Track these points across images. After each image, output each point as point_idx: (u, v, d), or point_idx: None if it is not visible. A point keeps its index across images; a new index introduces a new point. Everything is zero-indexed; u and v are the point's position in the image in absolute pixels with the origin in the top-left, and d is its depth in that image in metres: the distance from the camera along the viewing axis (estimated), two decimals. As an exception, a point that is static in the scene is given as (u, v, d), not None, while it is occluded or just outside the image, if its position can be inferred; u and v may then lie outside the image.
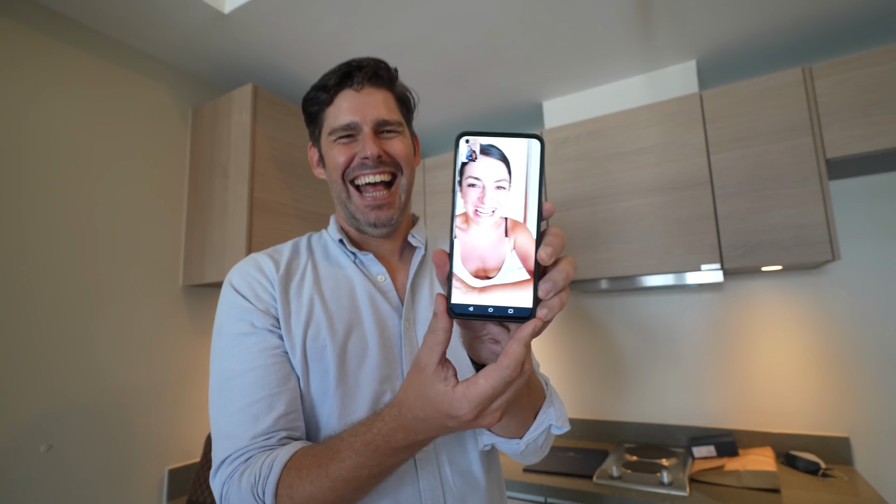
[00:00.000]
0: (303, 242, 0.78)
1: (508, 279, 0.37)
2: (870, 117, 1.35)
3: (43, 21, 1.33)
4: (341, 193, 0.73)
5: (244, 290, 0.68)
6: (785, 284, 1.69)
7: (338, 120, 0.71)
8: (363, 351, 0.68)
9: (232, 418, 0.61)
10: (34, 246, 1.27)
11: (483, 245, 0.38)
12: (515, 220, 0.38)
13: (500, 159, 0.38)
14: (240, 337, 0.65)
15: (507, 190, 0.38)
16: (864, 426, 1.54)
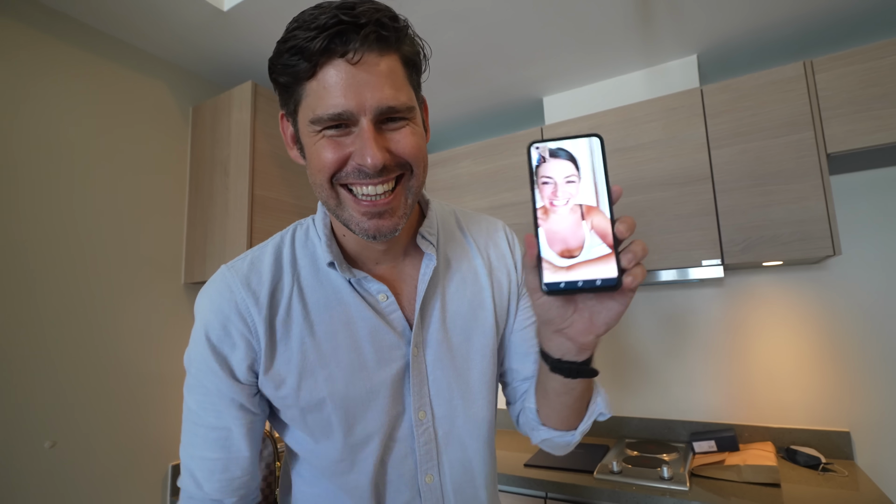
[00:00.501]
0: (285, 249, 0.63)
1: (591, 255, 0.42)
2: (871, 111, 1.35)
3: (43, 19, 1.33)
4: (329, 200, 0.55)
5: (219, 342, 0.57)
6: (786, 279, 1.69)
7: (324, 105, 0.50)
8: (368, 396, 0.60)
9: (194, 460, 0.60)
10: (36, 244, 1.28)
11: (563, 229, 0.43)
12: (590, 205, 0.43)
13: (566, 159, 0.44)
14: (205, 390, 0.59)
15: (578, 182, 0.44)
16: (864, 421, 1.54)
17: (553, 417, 0.64)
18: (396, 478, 0.61)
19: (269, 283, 0.59)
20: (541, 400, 0.64)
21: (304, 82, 0.51)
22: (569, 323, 0.49)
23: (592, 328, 0.49)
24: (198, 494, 0.61)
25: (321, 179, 0.53)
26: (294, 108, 0.54)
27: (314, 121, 0.51)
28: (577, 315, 0.49)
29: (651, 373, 1.86)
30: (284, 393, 0.58)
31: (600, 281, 0.42)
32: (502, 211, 1.86)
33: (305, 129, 0.53)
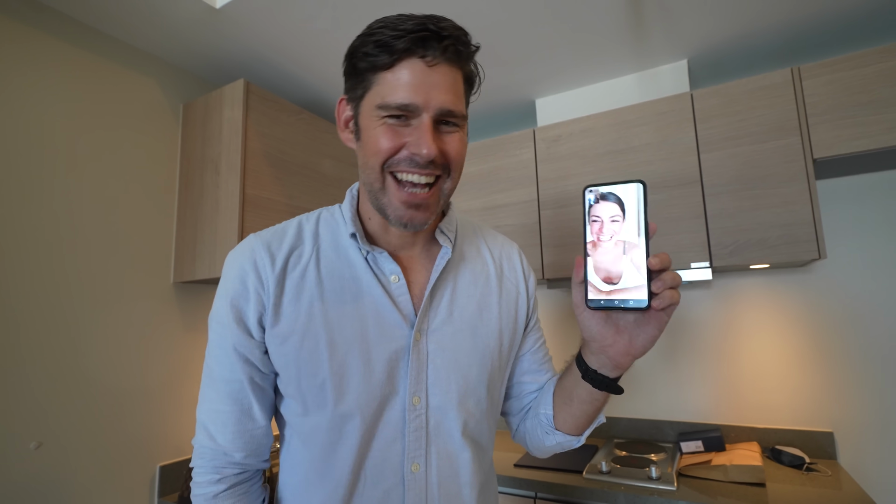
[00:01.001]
0: (309, 224, 0.68)
1: (628, 284, 0.52)
2: (857, 118, 1.37)
3: (32, 15, 1.31)
4: (375, 182, 0.61)
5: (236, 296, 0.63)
6: (772, 282, 1.71)
7: (394, 95, 0.56)
8: (363, 367, 0.62)
9: (209, 415, 0.65)
10: (23, 242, 1.26)
11: (607, 261, 0.53)
12: (631, 241, 0.52)
13: (613, 201, 0.53)
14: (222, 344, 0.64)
15: (621, 221, 0.52)
16: (847, 421, 1.57)
17: (569, 423, 0.70)
18: (381, 461, 0.62)
19: (288, 248, 0.65)
20: (562, 406, 0.70)
21: (379, 72, 0.58)
22: (611, 342, 0.58)
23: (631, 350, 0.58)
24: (210, 446, 0.65)
25: (375, 162, 0.59)
26: (362, 93, 0.60)
27: (381, 106, 0.57)
28: (618, 337, 0.58)
29: (640, 374, 1.88)
30: (287, 349, 0.62)
31: (632, 302, 0.52)
32: (495, 212, 1.87)
33: (369, 113, 0.59)
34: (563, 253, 1.72)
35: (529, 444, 0.79)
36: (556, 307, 2.08)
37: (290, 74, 1.75)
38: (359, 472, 0.61)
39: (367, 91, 0.60)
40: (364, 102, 0.60)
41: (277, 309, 0.62)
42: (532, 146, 1.83)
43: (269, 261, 0.63)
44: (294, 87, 1.85)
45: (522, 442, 0.81)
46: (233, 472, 0.65)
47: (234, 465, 0.65)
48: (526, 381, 0.78)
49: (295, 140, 1.69)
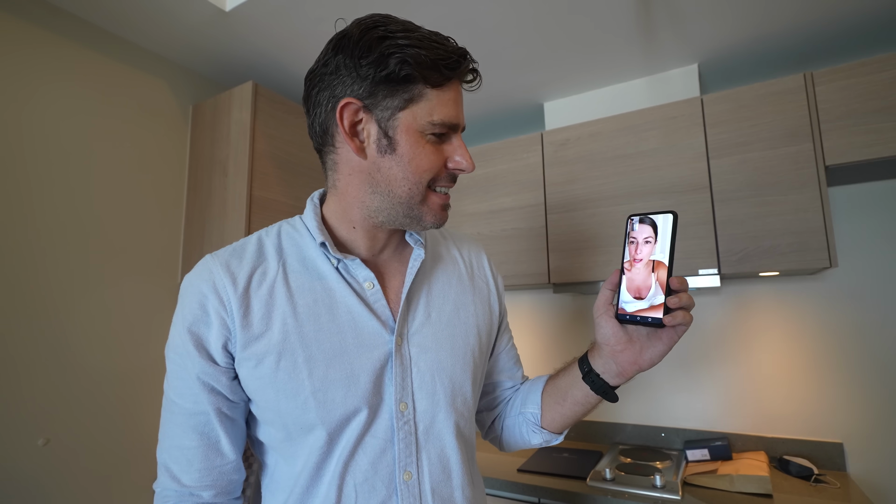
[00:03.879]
0: (270, 239, 0.65)
1: (654, 301, 0.58)
2: (870, 125, 1.35)
3: (44, 16, 1.33)
4: (415, 196, 0.60)
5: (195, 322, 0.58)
6: (782, 290, 1.69)
7: (447, 113, 0.58)
8: (347, 381, 0.59)
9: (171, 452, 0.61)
10: (33, 240, 1.27)
11: (639, 279, 0.60)
12: (660, 261, 0.58)
13: (649, 224, 0.60)
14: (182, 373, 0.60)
15: (653, 244, 0.59)
16: (857, 432, 1.55)
17: (557, 422, 0.74)
18: (372, 475, 0.59)
19: (250, 266, 0.62)
20: (553, 406, 0.73)
21: (429, 87, 0.58)
22: (621, 349, 0.63)
23: (638, 360, 0.63)
24: (174, 488, 0.60)
25: (423, 177, 0.60)
26: (401, 104, 0.58)
27: (436, 123, 0.58)
28: (629, 346, 0.63)
29: (646, 379, 1.87)
30: (262, 372, 0.58)
31: (651, 318, 0.58)
32: (500, 215, 1.87)
33: (413, 127, 0.58)
34: (569, 258, 1.71)
35: (506, 441, 0.81)
36: (562, 311, 2.07)
37: (299, 76, 1.76)
38: (349, 489, 0.59)
39: (411, 102, 0.57)
40: (405, 114, 0.58)
41: (247, 331, 0.58)
42: (540, 150, 1.82)
43: (230, 281, 0.59)
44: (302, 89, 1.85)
45: (496, 439, 0.83)
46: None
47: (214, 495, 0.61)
48: (502, 379, 0.81)
49: (302, 142, 1.70)
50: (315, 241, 0.64)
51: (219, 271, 0.60)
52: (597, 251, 1.66)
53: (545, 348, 2.09)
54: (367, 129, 0.59)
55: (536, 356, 2.10)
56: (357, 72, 0.57)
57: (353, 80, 0.58)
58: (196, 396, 0.59)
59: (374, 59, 0.56)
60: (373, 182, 0.61)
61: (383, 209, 0.62)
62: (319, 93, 0.61)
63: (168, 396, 0.61)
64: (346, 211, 0.64)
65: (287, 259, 0.63)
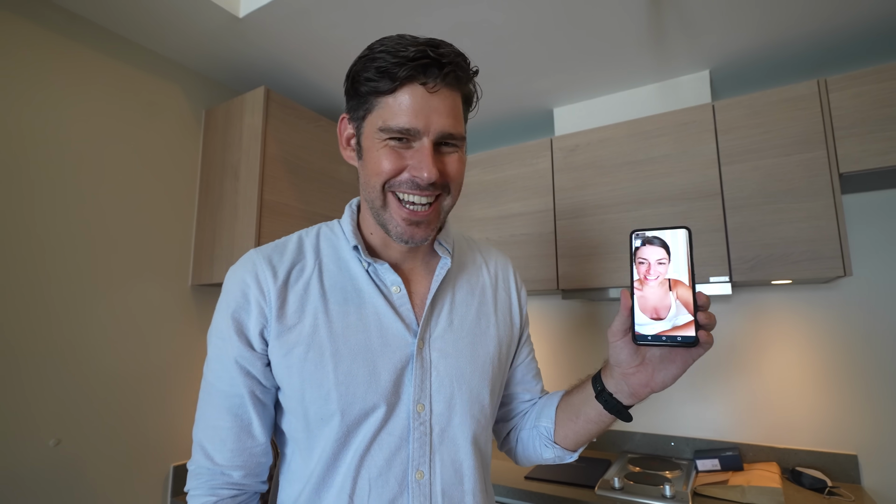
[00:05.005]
0: (309, 239, 0.70)
1: (677, 321, 0.55)
2: (885, 132, 1.33)
3: (62, 22, 1.35)
4: (376, 200, 0.63)
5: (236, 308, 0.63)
6: (795, 298, 1.67)
7: (396, 119, 0.59)
8: (369, 378, 0.62)
9: (206, 432, 0.65)
10: (46, 243, 1.29)
11: (653, 298, 0.56)
12: (678, 280, 0.55)
13: (659, 245, 0.57)
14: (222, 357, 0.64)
15: (668, 263, 0.56)
16: (872, 444, 1.52)
17: (570, 438, 0.74)
18: (386, 470, 0.61)
19: (290, 262, 0.66)
20: (566, 422, 0.73)
21: (381, 96, 0.60)
22: (633, 372, 0.62)
23: (650, 384, 0.62)
24: (206, 467, 0.64)
25: (376, 182, 0.62)
26: (363, 114, 0.63)
27: (383, 129, 0.60)
28: (642, 368, 0.62)
29: (655, 388, 1.85)
30: (291, 360, 0.62)
31: (681, 338, 0.54)
32: (510, 220, 1.86)
33: (371, 134, 0.62)
34: (578, 263, 1.70)
35: (521, 454, 0.82)
36: (571, 318, 2.06)
37: (310, 82, 1.77)
38: (363, 482, 0.61)
39: (368, 113, 0.62)
40: (366, 123, 0.63)
41: (281, 321, 0.63)
42: (549, 155, 1.82)
43: (271, 274, 0.64)
44: (314, 94, 1.87)
45: (510, 451, 0.84)
46: (229, 493, 0.64)
47: (232, 485, 0.64)
48: (520, 392, 0.82)
49: (313, 147, 1.71)
50: (349, 244, 0.68)
51: (261, 264, 0.65)
52: (606, 258, 1.65)
53: (554, 355, 2.08)
54: (352, 140, 0.67)
55: (545, 363, 2.08)
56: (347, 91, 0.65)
57: (348, 99, 0.66)
58: (233, 379, 0.63)
59: (350, 77, 0.64)
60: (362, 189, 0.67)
61: (372, 216, 0.67)
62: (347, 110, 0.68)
63: (207, 378, 0.66)
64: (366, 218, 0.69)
65: (323, 259, 0.68)
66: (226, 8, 1.37)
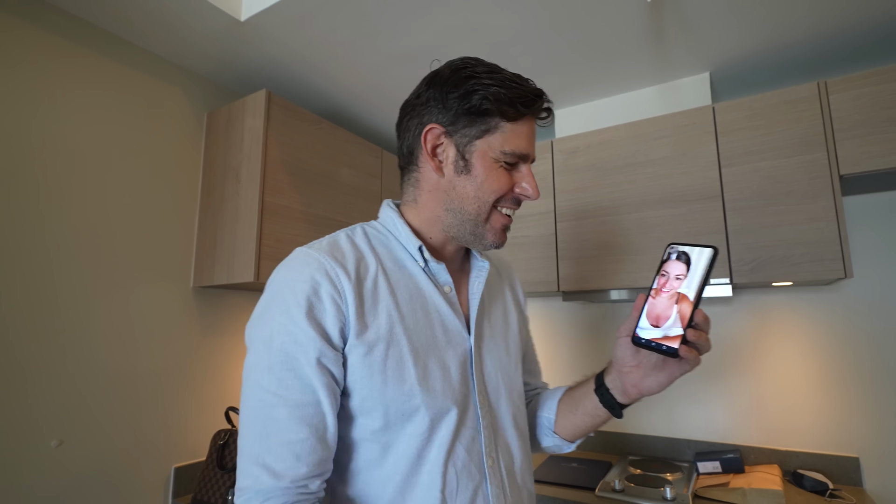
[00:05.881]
0: (360, 239, 0.70)
1: (670, 332, 0.61)
2: (886, 134, 1.33)
3: (65, 25, 1.36)
4: (481, 213, 0.68)
5: (310, 307, 0.60)
6: (795, 300, 1.67)
7: (518, 144, 0.67)
8: (442, 373, 0.65)
9: (273, 450, 0.57)
10: (48, 246, 1.30)
11: (660, 307, 0.63)
12: (685, 295, 0.61)
13: (684, 262, 0.62)
14: (293, 362, 0.59)
15: (684, 279, 0.61)
16: (874, 446, 1.52)
17: (568, 430, 0.81)
18: (468, 461, 0.65)
19: (353, 258, 0.66)
20: (566, 413, 0.80)
21: (505, 121, 0.66)
22: (627, 371, 0.70)
23: (640, 385, 0.69)
24: (278, 487, 0.57)
25: (489, 197, 0.67)
26: (478, 133, 0.67)
27: (507, 152, 0.66)
28: (635, 369, 0.69)
29: (656, 390, 1.85)
30: (373, 359, 0.62)
31: (665, 347, 0.60)
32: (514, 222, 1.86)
33: (487, 153, 0.67)
34: (579, 265, 1.70)
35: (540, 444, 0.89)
36: (571, 320, 2.06)
37: (311, 84, 1.78)
38: (451, 476, 0.63)
39: (487, 133, 0.66)
40: (481, 142, 0.66)
41: (360, 319, 0.62)
42: (550, 157, 1.82)
43: (342, 269, 0.63)
44: (315, 97, 1.88)
45: None
46: (307, 501, 0.59)
47: (308, 495, 0.59)
48: (527, 380, 0.91)
49: (314, 149, 1.72)
50: (401, 244, 0.71)
51: (328, 260, 0.63)
52: (607, 259, 1.66)
53: (555, 356, 2.08)
54: (446, 152, 0.68)
55: (546, 364, 2.08)
56: (444, 104, 0.67)
57: (440, 111, 0.67)
58: (308, 385, 0.59)
59: (460, 93, 0.66)
60: (447, 199, 0.69)
61: (454, 224, 0.70)
62: (410, 120, 0.71)
63: (266, 390, 0.59)
64: (426, 223, 0.72)
65: (381, 257, 0.69)
66: (227, 11, 1.37)
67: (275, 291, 0.63)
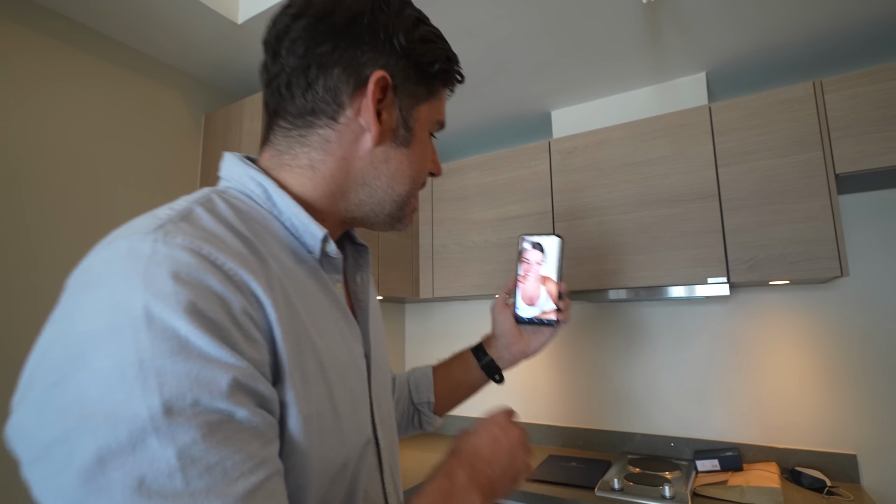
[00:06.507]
0: (229, 218, 0.43)
1: (545, 307, 0.76)
2: (881, 133, 1.34)
3: (63, 30, 1.36)
4: (411, 195, 0.55)
5: (221, 326, 0.34)
6: (792, 298, 1.67)
7: (443, 115, 0.57)
8: (350, 396, 0.48)
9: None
10: (43, 250, 1.30)
11: (530, 290, 0.77)
12: (547, 276, 0.76)
13: (539, 249, 0.77)
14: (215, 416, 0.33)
15: (543, 263, 0.76)
16: (871, 443, 1.53)
17: (447, 407, 0.82)
18: (374, 494, 0.51)
19: (254, 262, 0.41)
20: (447, 392, 0.81)
21: (442, 88, 0.55)
22: (514, 341, 0.79)
23: (526, 350, 0.80)
24: None
25: (423, 176, 0.56)
26: (424, 95, 0.53)
27: (441, 123, 0.57)
28: (520, 338, 0.79)
29: (655, 388, 1.85)
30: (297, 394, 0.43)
31: (546, 320, 0.76)
32: (509, 223, 1.87)
33: (425, 124, 0.54)
34: (577, 265, 1.71)
35: (422, 430, 0.85)
36: (571, 320, 2.07)
37: (309, 86, 1.78)
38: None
39: (429, 97, 0.53)
40: (424, 108, 0.53)
41: (289, 339, 0.45)
42: (547, 158, 1.83)
43: (250, 275, 0.41)
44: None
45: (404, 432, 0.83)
46: None
47: None
48: None
49: (312, 151, 1.72)
50: (284, 226, 0.48)
51: (229, 263, 0.40)
52: (605, 259, 1.66)
53: (554, 357, 2.08)
54: (387, 113, 0.50)
55: (546, 365, 2.09)
56: (392, 47, 0.48)
57: (387, 55, 0.48)
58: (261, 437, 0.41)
59: (418, 38, 0.50)
60: (372, 173, 0.51)
61: (368, 203, 0.52)
62: (336, 52, 0.47)
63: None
64: (323, 199, 0.51)
65: (272, 249, 0.45)
66: (225, 14, 1.38)
67: (137, 322, 0.36)
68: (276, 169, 0.51)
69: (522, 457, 0.58)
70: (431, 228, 2.09)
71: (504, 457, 0.55)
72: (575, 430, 1.98)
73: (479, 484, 0.50)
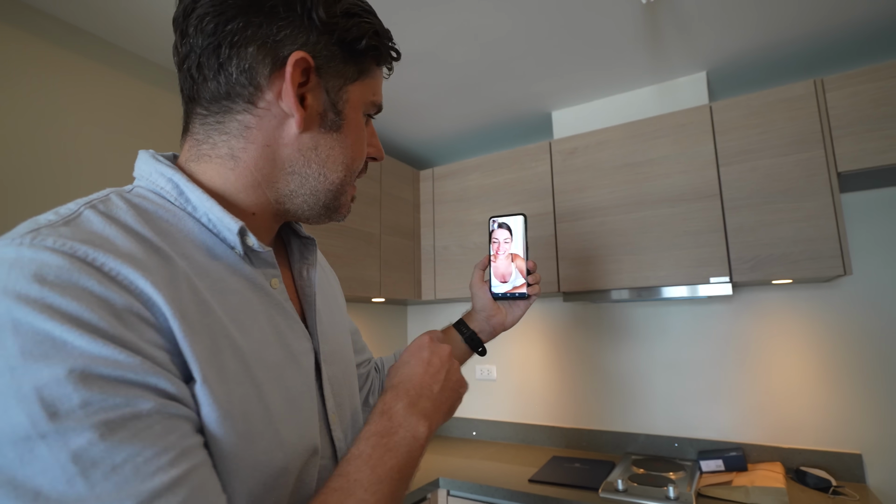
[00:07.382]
0: (124, 218, 0.41)
1: (515, 282, 0.84)
2: (883, 130, 1.34)
3: (62, 34, 1.37)
4: (345, 183, 0.51)
5: (102, 325, 0.32)
6: (795, 298, 1.67)
7: (380, 96, 0.54)
8: (286, 396, 0.44)
9: None
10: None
11: (502, 267, 0.85)
12: (516, 254, 0.84)
13: (506, 229, 0.86)
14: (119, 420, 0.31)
15: (511, 242, 0.85)
16: (876, 442, 1.52)
17: None
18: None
19: (156, 261, 0.40)
20: None
21: (376, 67, 0.52)
22: (493, 314, 0.86)
23: (504, 323, 0.86)
24: None
25: (359, 163, 0.52)
26: (354, 75, 0.49)
27: (375, 103, 0.53)
28: (499, 312, 0.86)
29: (658, 389, 1.85)
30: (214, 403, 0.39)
31: (518, 294, 0.83)
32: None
33: (359, 107, 0.50)
34: (579, 266, 1.70)
35: None
36: (572, 320, 2.06)
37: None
38: None
39: (360, 77, 0.50)
40: (354, 88, 0.49)
41: (193, 341, 0.42)
42: (548, 158, 1.83)
43: (142, 274, 0.39)
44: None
45: None
46: None
47: None
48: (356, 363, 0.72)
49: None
50: (200, 223, 0.45)
51: (111, 261, 0.38)
52: (607, 259, 1.66)
53: (556, 357, 2.08)
54: (312, 97, 0.46)
55: (547, 365, 2.09)
56: (311, 23, 0.45)
57: (306, 31, 0.45)
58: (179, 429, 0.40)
59: (340, 13, 0.46)
60: (301, 161, 0.48)
61: (300, 194, 0.49)
62: (249, 28, 0.43)
63: None
64: (245, 190, 0.47)
65: (185, 249, 0.43)
66: (225, 17, 1.38)
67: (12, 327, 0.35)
68: (195, 161, 0.47)
69: (457, 372, 0.57)
70: (433, 230, 2.09)
71: (440, 377, 0.54)
72: (578, 430, 1.97)
73: (420, 410, 0.49)
